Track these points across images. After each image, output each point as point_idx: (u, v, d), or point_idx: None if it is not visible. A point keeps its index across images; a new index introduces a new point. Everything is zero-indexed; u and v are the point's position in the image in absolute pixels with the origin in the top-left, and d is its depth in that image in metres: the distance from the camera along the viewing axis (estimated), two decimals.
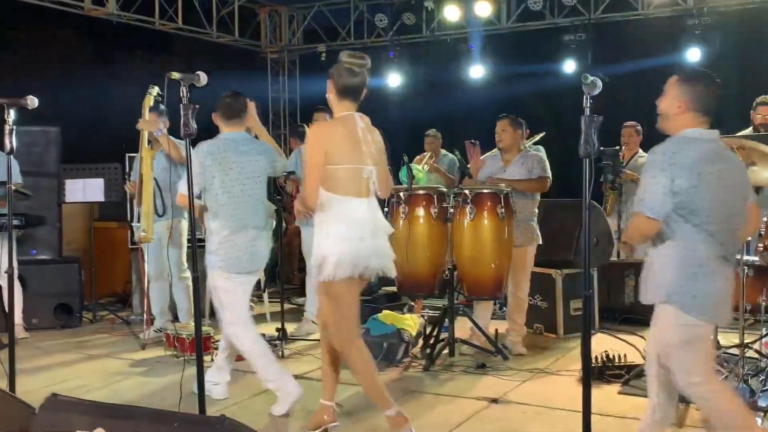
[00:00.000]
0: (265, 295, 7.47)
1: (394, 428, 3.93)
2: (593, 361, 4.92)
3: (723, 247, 3.14)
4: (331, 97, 3.92)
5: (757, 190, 5.24)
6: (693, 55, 9.01)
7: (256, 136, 4.93)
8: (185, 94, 3.43)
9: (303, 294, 7.74)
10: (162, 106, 6.10)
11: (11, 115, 4.15)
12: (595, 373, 4.87)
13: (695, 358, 3.12)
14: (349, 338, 3.93)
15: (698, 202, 3.06)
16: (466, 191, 5.63)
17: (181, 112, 3.41)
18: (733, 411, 3.14)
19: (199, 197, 4.51)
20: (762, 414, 4.32)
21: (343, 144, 3.79)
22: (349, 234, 3.76)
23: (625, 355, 5.18)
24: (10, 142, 4.13)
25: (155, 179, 6.18)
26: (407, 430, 3.92)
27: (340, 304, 3.88)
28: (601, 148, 5.97)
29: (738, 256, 4.89)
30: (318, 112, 6.52)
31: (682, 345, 3.11)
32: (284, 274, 6.83)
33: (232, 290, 4.56)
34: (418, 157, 8.51)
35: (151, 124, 5.86)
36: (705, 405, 3.25)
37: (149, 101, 5.97)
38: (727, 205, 3.15)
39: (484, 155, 6.29)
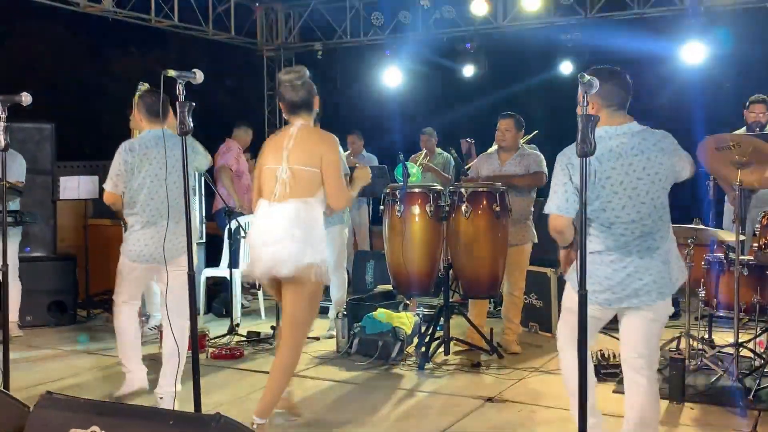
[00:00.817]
0: (260, 293, 7.47)
1: None
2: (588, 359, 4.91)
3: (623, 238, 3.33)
4: (286, 116, 4.08)
5: (751, 191, 5.26)
6: (691, 54, 9.02)
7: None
8: (181, 92, 3.42)
9: None
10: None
11: (5, 111, 4.13)
12: None
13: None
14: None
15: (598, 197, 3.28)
16: (462, 189, 5.63)
17: (177, 110, 3.40)
18: None
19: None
20: (757, 413, 4.34)
21: (268, 149, 4.01)
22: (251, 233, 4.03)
23: (619, 354, 5.18)
24: (5, 139, 4.11)
25: None
26: None
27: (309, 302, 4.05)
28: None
29: (733, 256, 4.91)
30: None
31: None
32: None
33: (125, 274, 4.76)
34: (413, 155, 8.52)
35: (138, 123, 5.83)
36: None
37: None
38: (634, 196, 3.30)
39: (480, 154, 6.29)
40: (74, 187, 7.01)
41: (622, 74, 3.41)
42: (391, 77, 10.68)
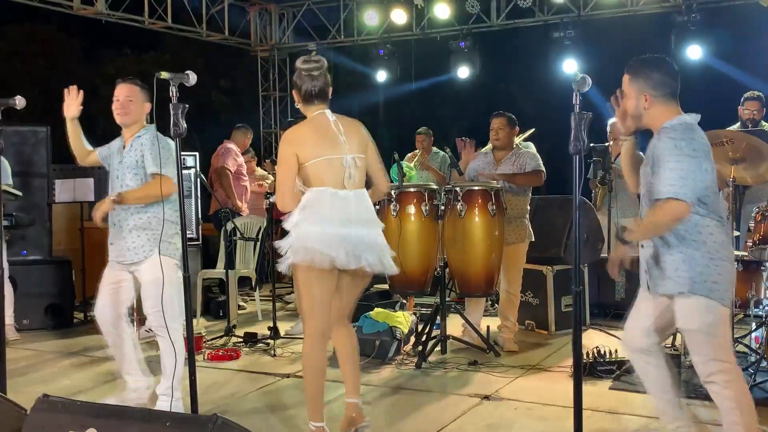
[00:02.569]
0: (257, 294, 7.47)
1: None
2: (584, 357, 4.93)
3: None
4: (300, 105, 3.96)
5: (745, 187, 5.28)
6: (685, 50, 9.05)
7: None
8: (174, 94, 3.43)
9: (294, 292, 7.76)
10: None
11: None
12: (586, 368, 4.89)
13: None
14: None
15: (711, 188, 3.18)
16: (457, 188, 5.64)
17: (171, 112, 3.41)
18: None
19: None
20: None
21: (313, 140, 3.78)
22: (314, 221, 3.71)
23: (616, 351, 5.19)
24: (0, 143, 4.11)
25: None
26: None
27: (301, 288, 3.83)
28: (591, 145, 6.02)
29: None
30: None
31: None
32: (275, 274, 6.81)
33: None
34: (409, 154, 8.52)
35: None
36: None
37: None
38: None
39: (478, 151, 6.30)
40: (70, 189, 7.01)
41: (669, 62, 3.35)
42: (385, 76, 10.68)
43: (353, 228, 3.76)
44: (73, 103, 4.54)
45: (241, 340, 6.25)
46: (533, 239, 6.00)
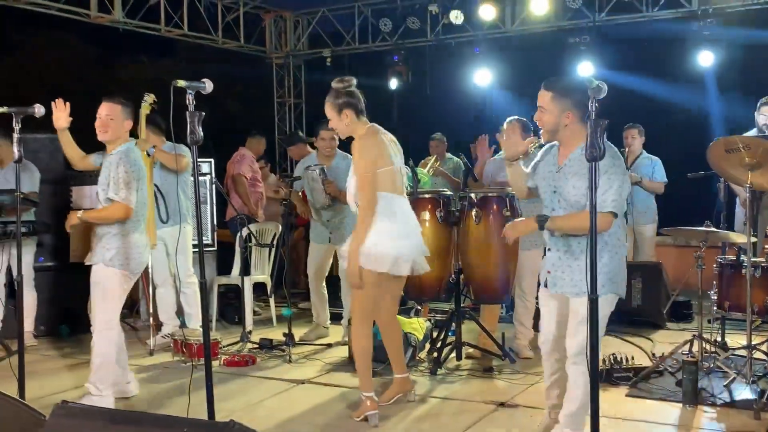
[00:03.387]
0: (272, 300, 7.49)
1: (361, 410, 4.41)
2: (601, 363, 4.91)
3: None
4: (350, 122, 4.29)
5: (762, 193, 5.24)
6: (701, 56, 9.01)
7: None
8: (191, 102, 3.45)
9: (308, 299, 7.77)
10: (159, 120, 6.16)
11: (18, 123, 4.18)
12: (602, 375, 4.87)
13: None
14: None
15: None
16: (472, 195, 5.63)
17: (188, 120, 3.43)
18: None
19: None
20: None
21: (386, 148, 4.24)
22: (394, 230, 4.25)
23: (632, 357, 5.18)
24: (19, 151, 4.15)
25: (157, 186, 6.20)
26: (373, 413, 4.37)
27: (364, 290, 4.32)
28: None
29: (745, 258, 4.90)
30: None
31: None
32: (290, 280, 6.84)
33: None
34: (423, 161, 8.52)
35: (144, 143, 5.87)
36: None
37: (146, 109, 5.98)
38: None
39: (492, 158, 6.29)
40: (87, 196, 7.06)
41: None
42: (399, 83, 10.69)
43: (416, 236, 4.39)
44: (61, 115, 4.75)
45: (257, 345, 6.27)
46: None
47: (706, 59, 8.99)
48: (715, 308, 5.26)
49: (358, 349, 4.50)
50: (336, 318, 6.88)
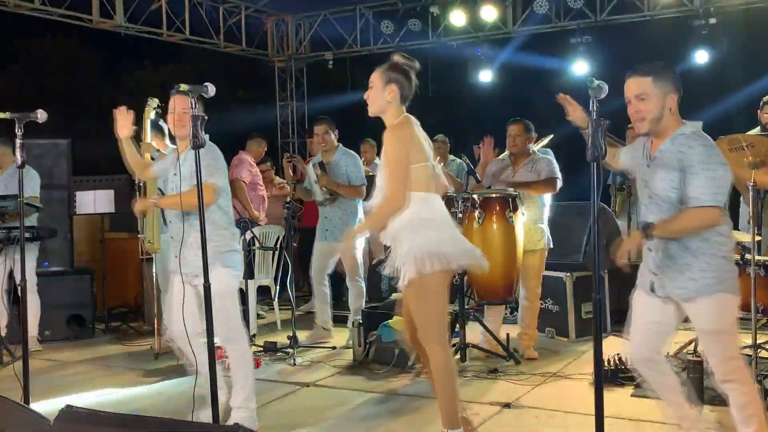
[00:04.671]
0: (276, 303, 7.50)
1: None
2: (605, 364, 4.90)
3: None
4: (392, 102, 3.85)
5: (766, 192, 5.23)
6: (700, 56, 9.01)
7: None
8: (194, 106, 3.46)
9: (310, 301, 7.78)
10: (162, 123, 6.14)
11: (21, 129, 4.18)
12: (607, 376, 4.86)
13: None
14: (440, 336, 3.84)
15: None
16: (475, 196, 5.63)
17: (190, 124, 3.44)
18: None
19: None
20: None
21: (420, 143, 3.80)
22: (437, 228, 3.76)
23: None
24: (22, 156, 4.16)
25: (160, 190, 6.20)
26: None
27: (432, 298, 3.77)
28: None
29: (749, 256, 4.89)
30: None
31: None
32: (295, 282, 6.84)
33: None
34: None
35: (148, 146, 5.86)
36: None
37: (149, 113, 5.97)
38: None
39: (496, 158, 6.29)
40: (90, 201, 7.07)
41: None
42: None
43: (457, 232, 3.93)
44: (125, 123, 4.47)
45: (261, 349, 6.27)
46: (552, 246, 5.98)
47: (707, 58, 8.99)
48: None
49: (447, 376, 3.81)
50: (342, 321, 6.88)
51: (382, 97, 3.84)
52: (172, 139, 4.79)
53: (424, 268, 3.65)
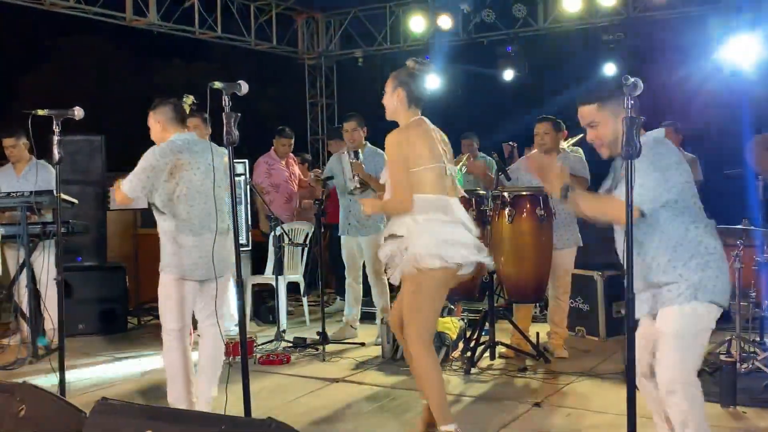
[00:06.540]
0: (305, 300, 7.54)
1: None
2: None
3: None
4: (400, 105, 3.95)
5: None
6: (737, 51, 8.86)
7: None
8: (227, 103, 3.49)
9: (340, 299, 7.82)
10: (205, 115, 6.16)
11: (58, 126, 4.25)
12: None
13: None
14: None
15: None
16: (505, 194, 5.61)
17: (224, 121, 3.47)
18: None
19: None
20: None
21: (423, 145, 3.83)
22: (440, 228, 3.79)
23: None
24: (59, 153, 4.22)
25: None
26: None
27: (424, 297, 3.84)
28: None
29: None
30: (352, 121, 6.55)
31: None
32: (323, 279, 6.87)
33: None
34: (455, 159, 8.49)
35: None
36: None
37: (186, 109, 6.02)
38: None
39: (522, 157, 6.26)
40: None
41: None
42: (431, 82, 10.69)
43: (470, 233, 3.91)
44: None
45: (291, 344, 6.31)
46: (581, 244, 5.94)
47: (743, 53, 8.84)
48: (753, 308, 5.18)
49: (429, 379, 3.87)
50: (370, 318, 6.90)
51: (391, 101, 4.00)
52: None
53: (419, 265, 3.74)
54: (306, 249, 7.60)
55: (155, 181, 4.33)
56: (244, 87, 3.53)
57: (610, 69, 9.68)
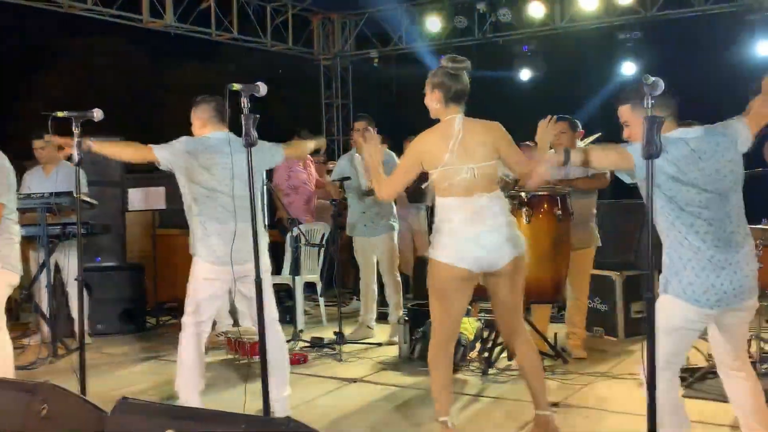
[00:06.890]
0: (321, 300, 7.55)
1: None
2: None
3: None
4: (437, 104, 3.95)
5: None
6: (757, 49, 8.80)
7: None
8: (246, 105, 3.50)
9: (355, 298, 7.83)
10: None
11: (78, 127, 4.27)
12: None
13: None
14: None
15: None
16: (522, 194, 5.59)
17: (243, 122, 3.49)
18: None
19: None
20: None
21: (438, 149, 3.85)
22: (450, 231, 3.85)
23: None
24: (79, 154, 4.24)
25: None
26: None
27: (433, 298, 4.01)
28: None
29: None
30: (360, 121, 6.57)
31: None
32: (341, 279, 6.89)
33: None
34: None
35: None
36: None
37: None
38: None
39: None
40: (142, 198, 7.21)
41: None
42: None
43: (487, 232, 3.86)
44: (69, 144, 4.32)
45: (308, 344, 6.33)
46: (600, 244, 5.91)
47: (764, 52, 8.77)
48: None
49: (431, 371, 4.06)
50: (383, 317, 6.90)
51: (431, 103, 4.01)
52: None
53: (431, 268, 3.90)
54: (323, 249, 7.61)
55: (173, 159, 4.38)
56: (262, 88, 3.55)
57: (628, 68, 9.63)
